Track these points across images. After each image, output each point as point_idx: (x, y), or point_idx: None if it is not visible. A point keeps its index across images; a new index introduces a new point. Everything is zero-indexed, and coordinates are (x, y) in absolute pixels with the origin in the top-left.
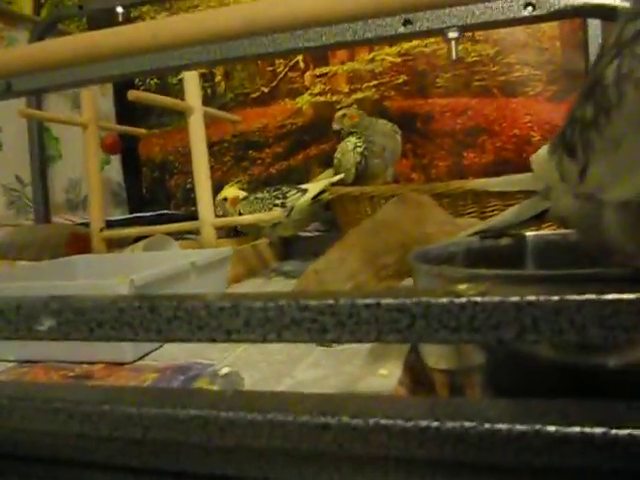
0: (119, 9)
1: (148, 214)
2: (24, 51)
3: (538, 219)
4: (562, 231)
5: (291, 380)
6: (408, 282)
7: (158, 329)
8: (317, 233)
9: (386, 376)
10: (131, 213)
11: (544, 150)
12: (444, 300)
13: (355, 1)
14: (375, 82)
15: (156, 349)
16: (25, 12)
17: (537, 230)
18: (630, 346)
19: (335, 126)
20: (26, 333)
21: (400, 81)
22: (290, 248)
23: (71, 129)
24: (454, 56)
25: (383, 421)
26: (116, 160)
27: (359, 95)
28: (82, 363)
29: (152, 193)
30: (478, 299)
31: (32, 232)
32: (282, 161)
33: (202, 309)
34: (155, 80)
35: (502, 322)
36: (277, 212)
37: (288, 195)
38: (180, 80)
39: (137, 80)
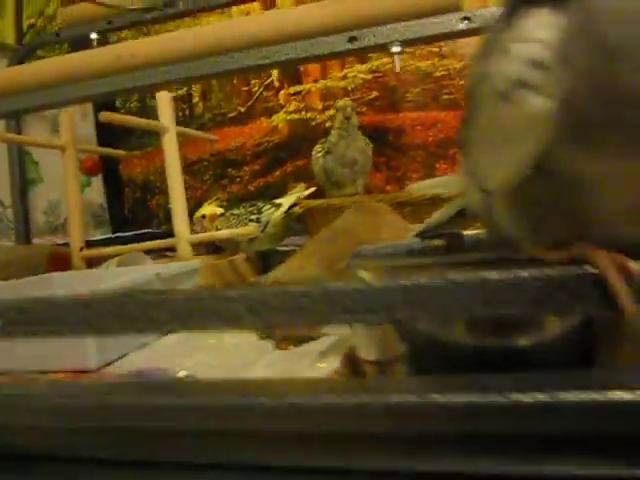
0: (93, 35)
1: (129, 234)
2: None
3: (462, 216)
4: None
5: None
6: None
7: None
8: (294, 247)
9: (323, 368)
10: (113, 233)
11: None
12: (341, 284)
13: (302, 21)
14: (347, 98)
15: (120, 357)
16: (8, 41)
17: (473, 230)
18: (534, 327)
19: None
20: None
21: (372, 97)
22: (268, 263)
23: (51, 153)
24: (397, 69)
25: (295, 399)
26: (97, 182)
27: (332, 112)
28: (45, 372)
29: (134, 213)
30: (372, 285)
31: (12, 252)
32: (260, 178)
33: (131, 304)
34: (135, 103)
35: (395, 303)
36: (252, 227)
37: (263, 210)
38: None
39: (118, 103)
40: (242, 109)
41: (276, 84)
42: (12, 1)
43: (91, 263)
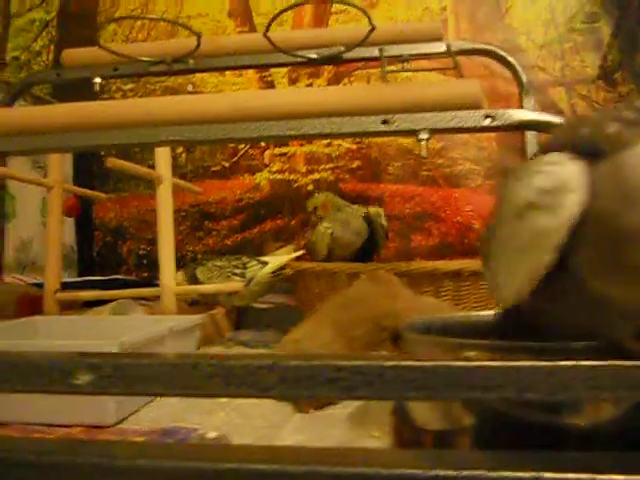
0: (97, 80)
1: (100, 278)
2: (8, 114)
3: None
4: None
5: (281, 443)
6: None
7: (196, 385)
8: (270, 305)
9: (378, 437)
10: (80, 276)
11: None
12: (458, 363)
13: (341, 100)
14: (331, 165)
15: (134, 412)
16: None
17: None
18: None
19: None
20: (62, 387)
21: (354, 166)
22: (242, 318)
23: (28, 189)
24: (424, 153)
25: (384, 471)
26: (69, 223)
27: (316, 176)
28: (58, 426)
29: (103, 257)
30: (488, 363)
31: None
32: (237, 233)
33: (240, 368)
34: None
35: (506, 383)
36: (239, 283)
37: (248, 266)
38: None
39: None
40: (226, 164)
41: (262, 144)
42: None
43: (62, 306)
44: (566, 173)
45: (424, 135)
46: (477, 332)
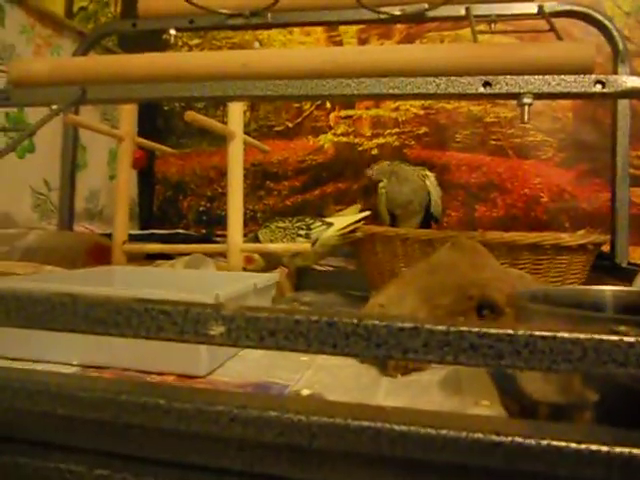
0: (172, 31)
1: (163, 232)
2: (99, 61)
3: None
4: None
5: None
6: None
7: (334, 343)
8: (329, 268)
9: (489, 406)
10: (141, 229)
11: None
12: (615, 337)
13: (442, 59)
14: (397, 130)
15: (221, 365)
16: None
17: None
18: None
19: (369, 172)
20: (193, 337)
21: (421, 132)
22: (303, 280)
23: (98, 140)
24: (526, 119)
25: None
26: (133, 176)
27: (381, 140)
28: (151, 373)
29: (163, 211)
30: None
31: (58, 238)
32: (298, 195)
33: (382, 328)
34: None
35: None
36: (306, 244)
37: (313, 227)
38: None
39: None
40: (290, 124)
41: (328, 105)
42: None
43: (128, 257)
44: None
45: (527, 100)
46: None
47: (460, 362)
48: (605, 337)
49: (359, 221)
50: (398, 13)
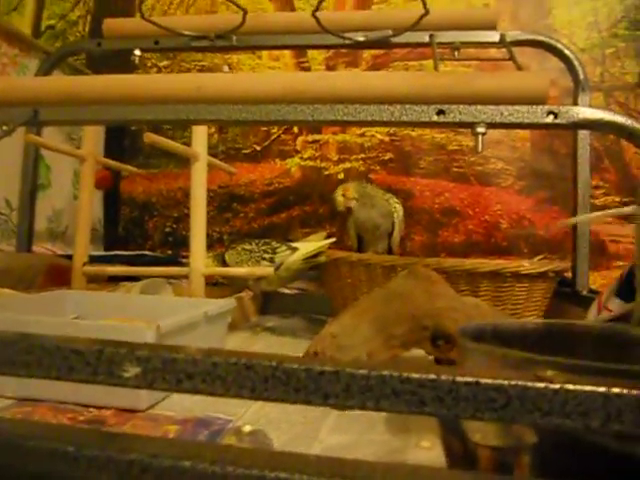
0: (137, 52)
1: (128, 253)
2: (52, 82)
3: None
4: (586, 323)
5: (320, 445)
6: (414, 353)
7: (252, 387)
8: (295, 291)
9: (429, 448)
10: (106, 250)
11: None
12: (540, 385)
13: (398, 87)
14: (363, 155)
15: (166, 397)
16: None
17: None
18: None
19: (344, 205)
20: (107, 378)
21: (386, 158)
22: (268, 303)
23: (63, 159)
24: (480, 149)
25: None
26: (98, 196)
27: (347, 165)
28: (89, 407)
29: (128, 232)
30: (570, 387)
31: (14, 259)
32: (265, 217)
33: (301, 372)
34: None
35: (590, 410)
36: (269, 268)
37: (278, 251)
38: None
39: None
40: (258, 147)
41: (295, 130)
42: (33, 0)
43: (88, 279)
44: None
45: (481, 129)
46: (537, 342)
47: (382, 408)
48: (530, 384)
49: (324, 247)
50: (362, 39)
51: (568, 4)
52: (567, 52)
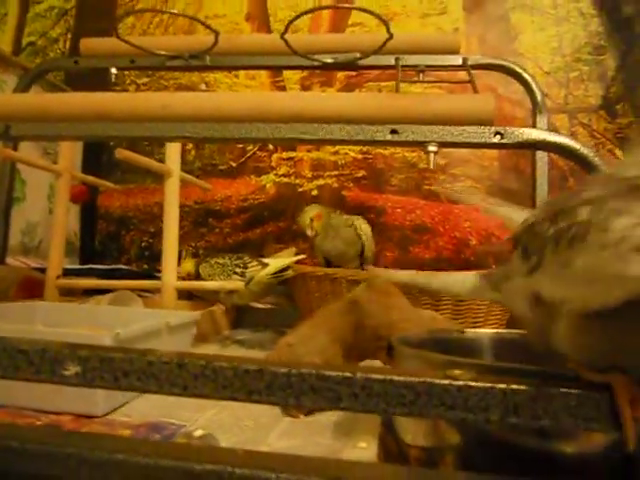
0: (113, 70)
1: (103, 267)
2: (24, 99)
3: None
4: (515, 331)
5: (268, 448)
6: (371, 363)
7: (184, 385)
8: (269, 306)
9: (365, 449)
10: (82, 263)
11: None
12: (445, 382)
13: (353, 107)
14: (336, 172)
15: (123, 404)
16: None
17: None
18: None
19: (310, 232)
20: (50, 377)
21: (359, 175)
22: (242, 317)
23: (38, 174)
24: (432, 166)
25: None
26: (75, 209)
27: (320, 182)
28: (48, 412)
29: (105, 246)
30: (472, 383)
31: None
32: (240, 232)
33: (229, 369)
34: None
35: (490, 405)
36: (238, 282)
37: (249, 266)
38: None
39: None
40: (234, 164)
41: (270, 147)
42: (15, 17)
43: (62, 292)
44: None
45: (432, 148)
46: (473, 351)
47: (303, 403)
48: (436, 381)
49: (292, 263)
50: (331, 61)
51: (534, 30)
52: (525, 75)
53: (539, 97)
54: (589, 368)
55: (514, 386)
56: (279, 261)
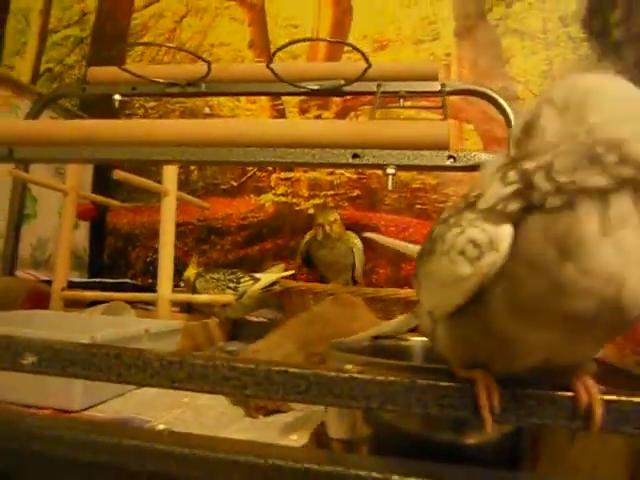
0: (117, 96)
1: (109, 280)
2: (26, 125)
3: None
4: None
5: None
6: None
7: (119, 373)
8: (263, 319)
9: (295, 440)
10: (90, 277)
11: None
12: (332, 373)
13: (319, 132)
14: (332, 192)
15: (102, 402)
16: (23, 79)
17: None
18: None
19: (328, 229)
20: (10, 365)
21: (354, 194)
22: (237, 330)
23: (48, 192)
24: (390, 187)
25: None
26: (85, 226)
27: (317, 201)
28: (29, 407)
29: (112, 260)
30: (356, 375)
31: None
32: (240, 249)
33: (156, 361)
34: None
35: (371, 394)
36: (230, 296)
37: (242, 281)
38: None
39: None
40: (234, 183)
41: (269, 168)
42: (34, 44)
43: (68, 304)
44: (498, 235)
45: (391, 170)
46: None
47: (218, 391)
48: (326, 372)
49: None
50: (316, 87)
51: (524, 54)
52: (500, 100)
53: (513, 121)
54: (462, 367)
55: (391, 378)
56: (269, 276)
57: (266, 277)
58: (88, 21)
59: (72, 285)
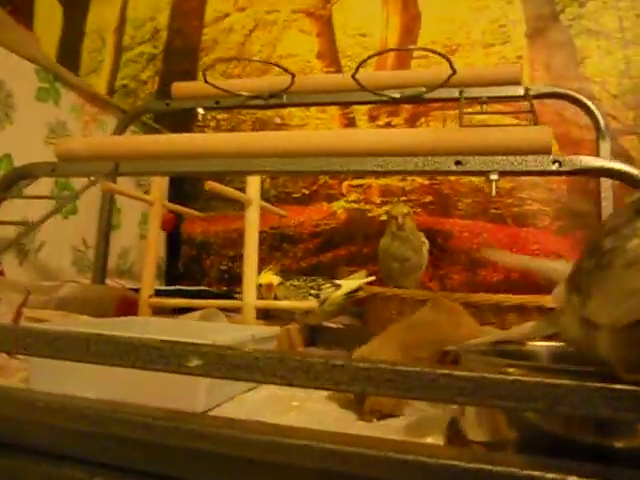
0: (200, 110)
1: (189, 288)
2: (128, 141)
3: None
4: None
5: None
6: None
7: (282, 375)
8: (340, 325)
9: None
10: (167, 285)
11: (561, 286)
12: (498, 376)
13: (419, 141)
14: (404, 198)
15: (217, 405)
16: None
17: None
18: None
19: (401, 220)
20: (176, 367)
21: (426, 200)
22: (315, 335)
23: (132, 203)
24: (493, 193)
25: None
26: (162, 236)
27: (389, 207)
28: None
29: (188, 269)
30: (521, 378)
31: (91, 290)
32: (312, 257)
33: (320, 364)
34: None
35: (537, 396)
36: (313, 302)
37: (323, 287)
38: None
39: None
40: (306, 192)
41: (341, 175)
42: (109, 62)
43: (154, 311)
44: None
45: (494, 176)
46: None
47: (382, 393)
48: (491, 376)
49: (363, 284)
50: (398, 95)
51: (600, 54)
52: (587, 102)
53: (602, 124)
54: (626, 370)
55: (557, 381)
56: (351, 283)
57: (348, 283)
58: (160, 38)
59: (156, 293)
